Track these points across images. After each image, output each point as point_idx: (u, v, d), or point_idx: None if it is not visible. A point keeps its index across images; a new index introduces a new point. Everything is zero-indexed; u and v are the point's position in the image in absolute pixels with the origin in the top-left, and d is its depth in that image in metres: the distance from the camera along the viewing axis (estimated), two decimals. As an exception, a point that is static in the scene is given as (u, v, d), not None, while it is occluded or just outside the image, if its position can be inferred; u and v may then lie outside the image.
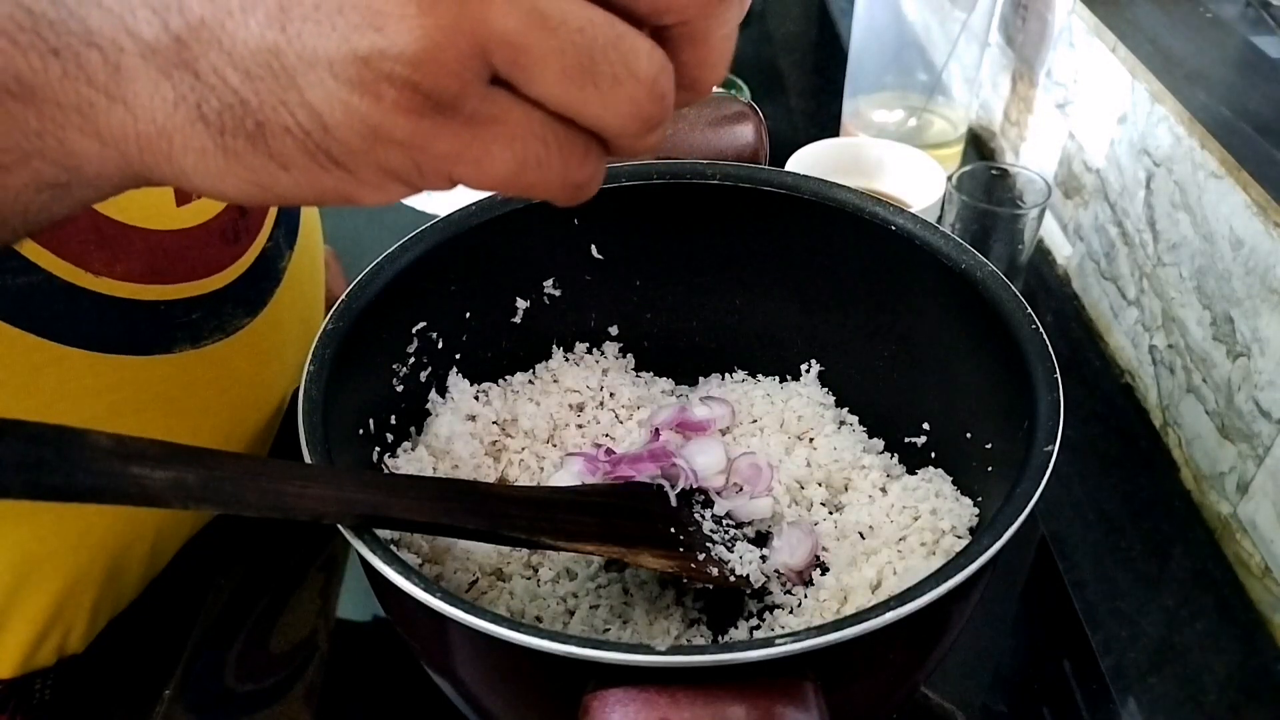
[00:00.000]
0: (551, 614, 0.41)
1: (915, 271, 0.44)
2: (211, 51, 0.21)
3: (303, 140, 0.21)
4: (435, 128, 0.21)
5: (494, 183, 0.23)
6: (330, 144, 0.21)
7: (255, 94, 0.21)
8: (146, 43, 0.21)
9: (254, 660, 0.48)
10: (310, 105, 0.21)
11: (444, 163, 0.22)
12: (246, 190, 0.23)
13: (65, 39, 0.22)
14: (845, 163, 0.67)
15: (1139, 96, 0.64)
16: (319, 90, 0.21)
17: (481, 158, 0.22)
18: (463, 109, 0.21)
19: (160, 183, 0.24)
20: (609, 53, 0.21)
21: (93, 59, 0.22)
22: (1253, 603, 0.53)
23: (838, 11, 1.15)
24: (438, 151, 0.22)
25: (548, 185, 0.23)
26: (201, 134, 0.22)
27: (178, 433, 0.43)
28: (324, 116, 0.21)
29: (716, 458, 0.46)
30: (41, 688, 0.44)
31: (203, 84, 0.21)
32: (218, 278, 0.44)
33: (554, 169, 0.23)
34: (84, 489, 0.25)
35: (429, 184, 0.23)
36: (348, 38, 0.20)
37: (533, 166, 0.22)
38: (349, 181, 0.22)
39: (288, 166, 0.22)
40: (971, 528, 0.42)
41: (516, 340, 0.50)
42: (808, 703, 0.28)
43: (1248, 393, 0.54)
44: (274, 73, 0.21)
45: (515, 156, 0.22)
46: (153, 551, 0.46)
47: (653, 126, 0.23)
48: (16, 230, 0.25)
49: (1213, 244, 0.57)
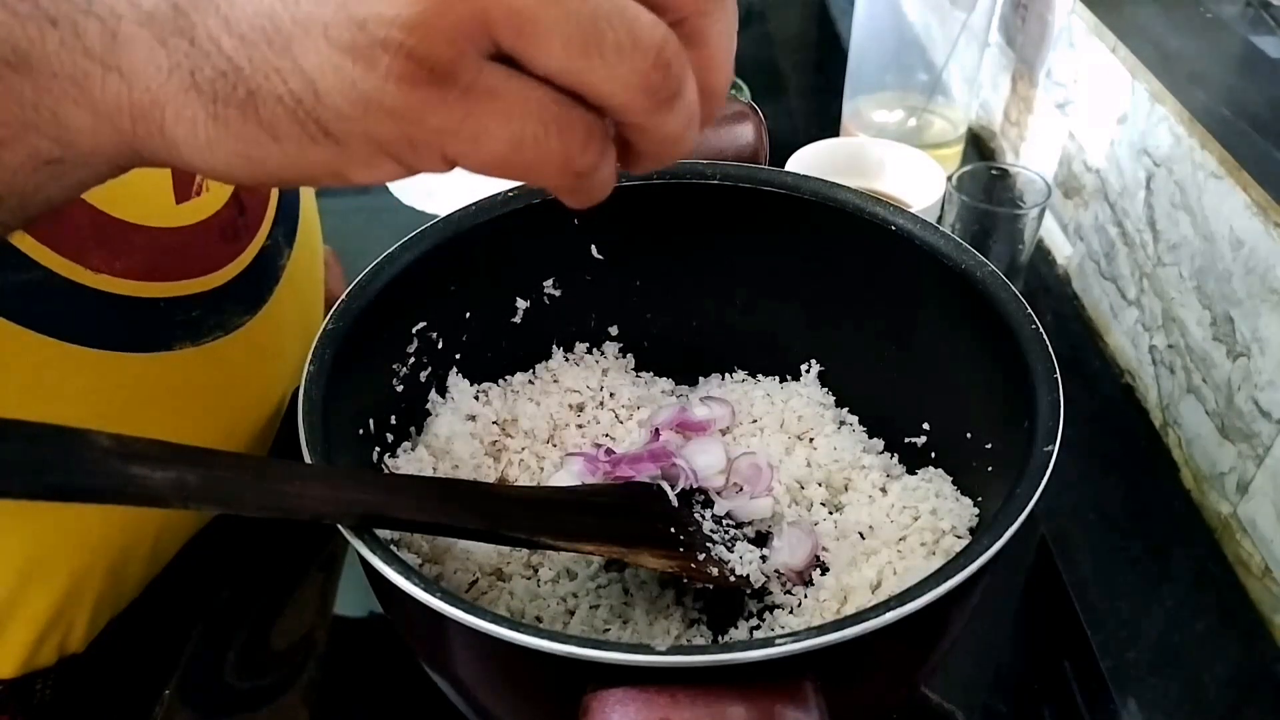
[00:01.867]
0: (551, 614, 0.41)
1: (915, 271, 0.44)
2: (209, 17, 0.21)
3: (293, 109, 0.21)
4: (430, 99, 0.21)
5: (490, 161, 0.22)
6: (321, 112, 0.21)
7: (249, 60, 0.21)
8: (145, 10, 0.21)
9: (254, 659, 0.48)
10: (303, 72, 0.21)
11: (438, 137, 0.22)
12: (236, 163, 0.23)
13: (63, 8, 0.22)
14: (845, 163, 0.67)
15: (1139, 96, 0.64)
16: (313, 56, 0.21)
17: (478, 134, 0.21)
18: (459, 80, 0.21)
19: (153, 158, 0.24)
20: (612, 20, 0.21)
21: (90, 27, 0.22)
22: (1253, 603, 0.53)
23: (838, 11, 1.15)
24: (432, 125, 0.21)
25: (545, 168, 0.22)
26: (194, 102, 0.22)
27: (178, 430, 0.43)
28: (316, 83, 0.21)
29: (716, 458, 0.47)
30: (42, 688, 0.44)
31: (198, 50, 0.21)
32: (217, 275, 0.44)
33: (553, 150, 0.22)
34: (84, 489, 0.25)
35: (422, 161, 0.22)
36: (346, 2, 0.20)
37: (530, 146, 0.22)
38: (339, 155, 0.22)
39: (278, 137, 0.22)
40: (971, 528, 0.42)
41: (516, 340, 0.50)
42: (808, 703, 0.28)
43: (1248, 393, 0.54)
44: (269, 38, 0.21)
45: (513, 134, 0.22)
46: (153, 551, 0.46)
47: (663, 100, 0.22)
48: (14, 211, 0.25)
49: (1213, 244, 0.57)
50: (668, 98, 0.22)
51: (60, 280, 0.38)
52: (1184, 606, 0.52)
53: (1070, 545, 0.55)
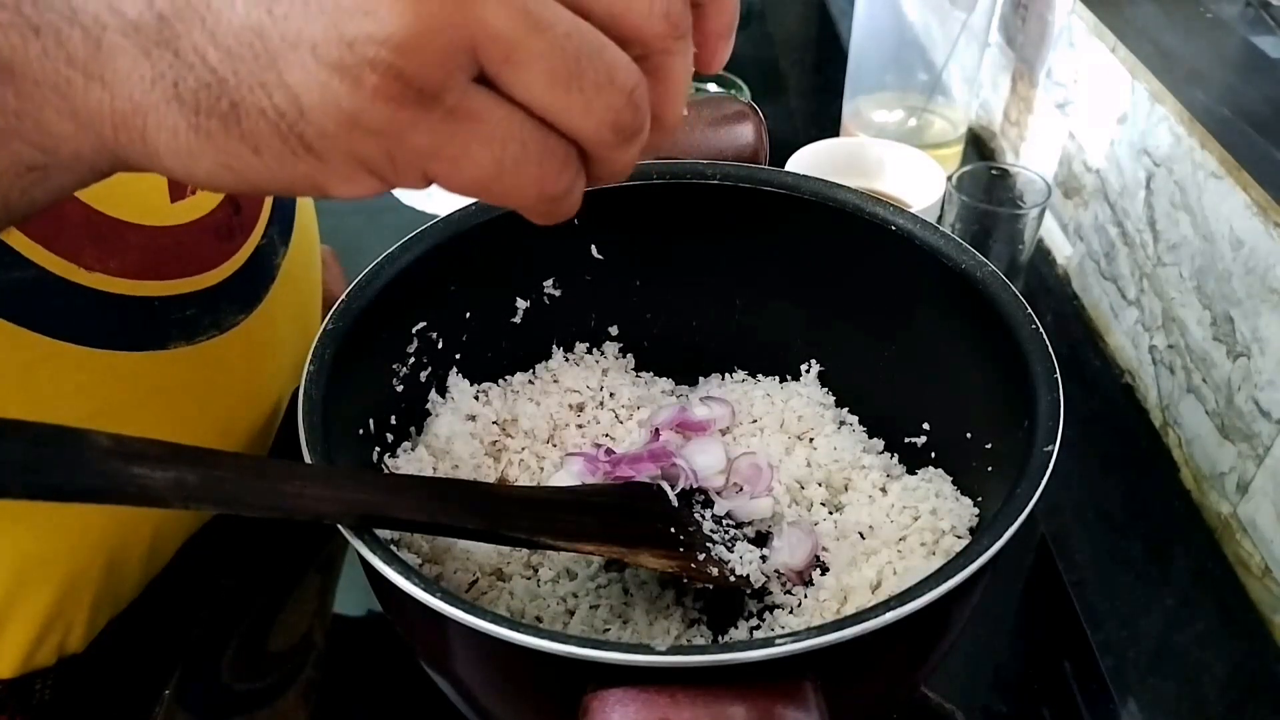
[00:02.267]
0: (551, 614, 0.41)
1: (915, 271, 0.44)
2: (195, 30, 0.21)
3: (276, 123, 0.21)
4: (414, 119, 0.21)
5: (469, 183, 0.23)
6: (304, 128, 0.21)
7: (234, 73, 0.21)
8: (130, 20, 0.21)
9: (253, 659, 0.48)
10: (288, 87, 0.21)
11: (419, 158, 0.22)
12: (217, 174, 0.23)
13: (47, 16, 0.22)
14: (845, 163, 0.67)
15: (1139, 96, 0.64)
16: (299, 72, 0.21)
17: (459, 156, 0.22)
18: (444, 102, 0.21)
19: (135, 165, 0.24)
20: (594, 59, 0.22)
21: (74, 36, 0.22)
22: (1253, 603, 0.53)
23: (838, 11, 1.15)
24: (414, 145, 0.22)
25: (523, 192, 0.23)
26: (175, 113, 0.22)
27: (173, 428, 0.43)
28: (301, 99, 0.21)
29: (716, 458, 0.46)
30: (41, 688, 0.43)
31: (181, 62, 0.21)
32: (212, 274, 0.44)
33: (530, 175, 0.23)
34: (84, 489, 0.25)
35: (401, 178, 0.23)
36: (336, 21, 0.20)
37: (510, 170, 0.22)
38: (320, 170, 0.22)
39: (259, 150, 0.22)
40: (971, 528, 0.42)
41: (516, 340, 0.50)
42: (808, 703, 0.28)
43: (1248, 393, 0.54)
44: (255, 53, 0.21)
45: (493, 158, 0.22)
46: (152, 551, 0.46)
47: (628, 137, 0.23)
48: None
49: (1213, 244, 0.57)
50: (632, 135, 0.23)
51: (54, 279, 0.38)
52: (1184, 606, 0.52)
53: (1070, 545, 0.55)
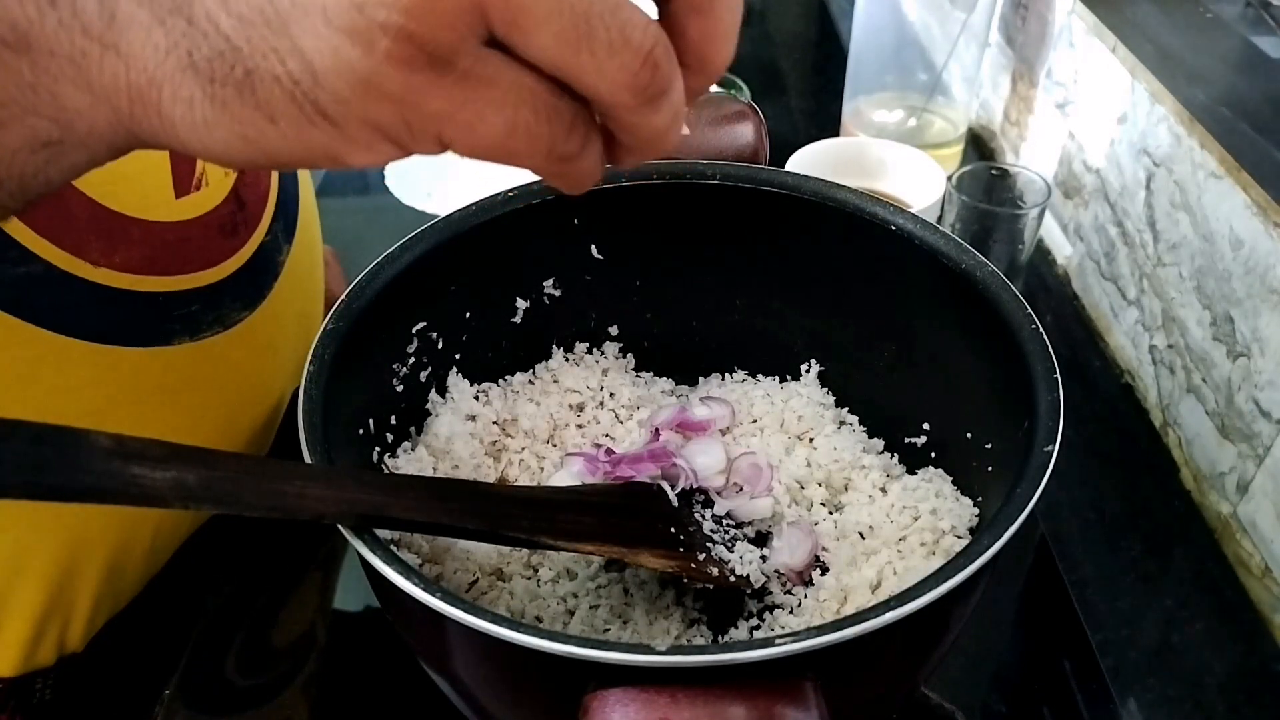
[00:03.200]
0: (551, 614, 0.41)
1: (915, 271, 0.44)
2: None
3: (291, 90, 0.21)
4: (427, 83, 0.21)
5: (483, 145, 0.23)
6: (319, 94, 0.21)
7: (247, 40, 0.21)
8: None
9: (253, 657, 0.48)
10: (301, 53, 0.21)
11: (434, 122, 0.22)
12: (234, 145, 0.23)
13: None
14: (845, 163, 0.67)
15: (1139, 96, 0.64)
16: (311, 37, 0.21)
17: (474, 121, 0.22)
18: (456, 65, 0.21)
19: (150, 139, 0.24)
20: (606, 19, 0.21)
21: (89, 7, 0.22)
22: (1253, 603, 0.53)
23: (838, 11, 1.15)
24: (429, 109, 0.21)
25: (534, 153, 0.23)
26: (190, 82, 0.22)
27: (175, 425, 0.43)
28: (314, 65, 0.21)
29: (716, 458, 0.47)
30: (42, 687, 0.44)
31: (195, 30, 0.21)
32: (216, 270, 0.44)
33: (542, 137, 0.23)
34: (84, 489, 0.25)
35: (418, 144, 0.23)
36: None
37: (522, 132, 0.22)
38: (337, 138, 0.22)
39: (275, 118, 0.22)
40: (971, 528, 0.42)
41: (516, 340, 0.50)
42: (808, 703, 0.28)
43: (1248, 393, 0.54)
44: (267, 19, 0.21)
45: (507, 120, 0.22)
46: (152, 549, 0.46)
47: (648, 99, 0.23)
48: (13, 194, 0.25)
49: (1213, 244, 0.57)
50: (654, 96, 0.23)
51: (59, 273, 0.38)
52: (1184, 606, 0.52)
53: (1070, 545, 0.55)
